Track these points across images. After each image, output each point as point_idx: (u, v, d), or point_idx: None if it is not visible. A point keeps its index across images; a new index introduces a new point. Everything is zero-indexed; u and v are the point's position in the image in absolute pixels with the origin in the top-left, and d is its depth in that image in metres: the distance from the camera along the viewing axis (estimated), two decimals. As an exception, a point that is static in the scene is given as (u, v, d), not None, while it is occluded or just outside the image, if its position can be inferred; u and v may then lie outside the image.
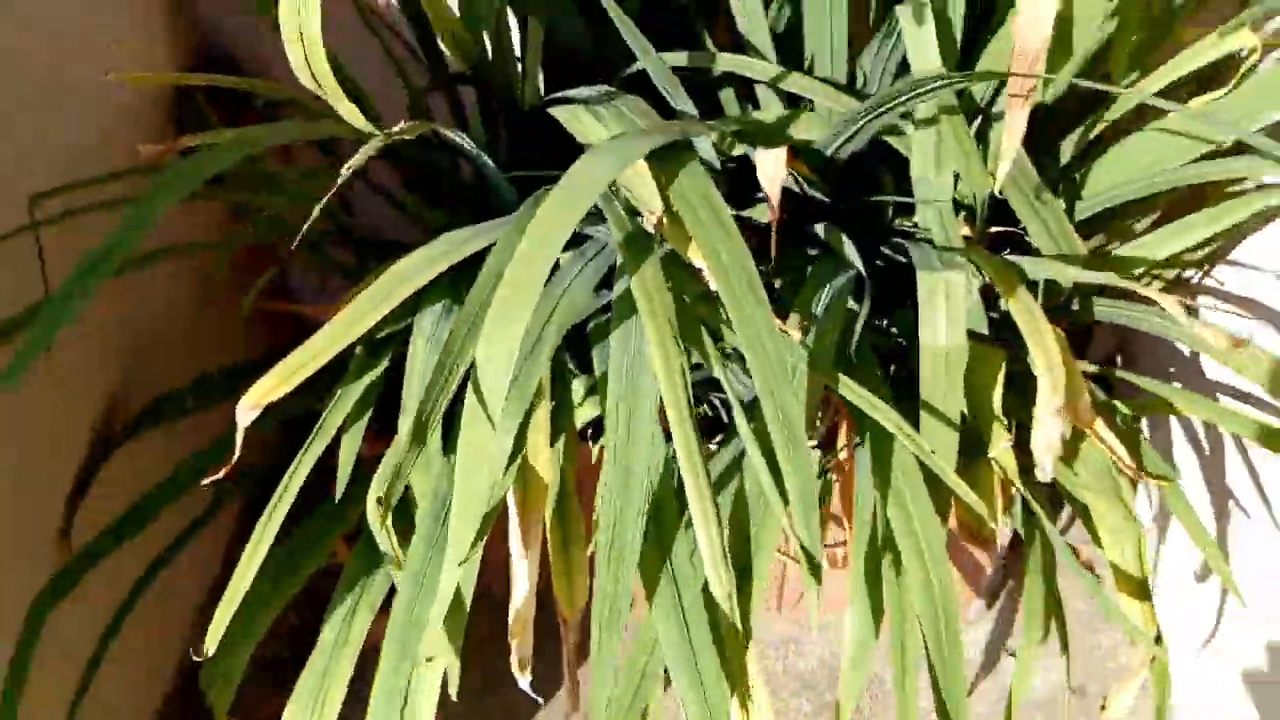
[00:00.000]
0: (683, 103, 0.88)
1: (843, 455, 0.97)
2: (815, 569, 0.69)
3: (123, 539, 0.91)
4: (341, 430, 0.83)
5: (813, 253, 0.95)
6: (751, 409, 0.73)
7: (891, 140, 0.92)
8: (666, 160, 0.73)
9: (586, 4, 0.92)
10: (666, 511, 0.79)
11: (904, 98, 0.79)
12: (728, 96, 1.02)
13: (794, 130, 0.89)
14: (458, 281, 0.84)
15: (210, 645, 0.73)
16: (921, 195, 0.87)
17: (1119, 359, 1.40)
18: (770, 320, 0.67)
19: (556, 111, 0.87)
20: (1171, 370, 1.21)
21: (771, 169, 0.71)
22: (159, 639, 1.14)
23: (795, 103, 0.96)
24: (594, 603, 0.72)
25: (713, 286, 0.68)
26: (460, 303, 0.82)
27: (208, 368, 1.03)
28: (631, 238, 0.74)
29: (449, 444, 0.77)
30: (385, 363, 0.87)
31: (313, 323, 1.19)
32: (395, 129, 0.76)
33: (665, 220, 0.71)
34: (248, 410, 0.69)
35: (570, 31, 0.96)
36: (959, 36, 0.87)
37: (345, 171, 0.68)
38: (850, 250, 0.85)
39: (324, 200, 0.69)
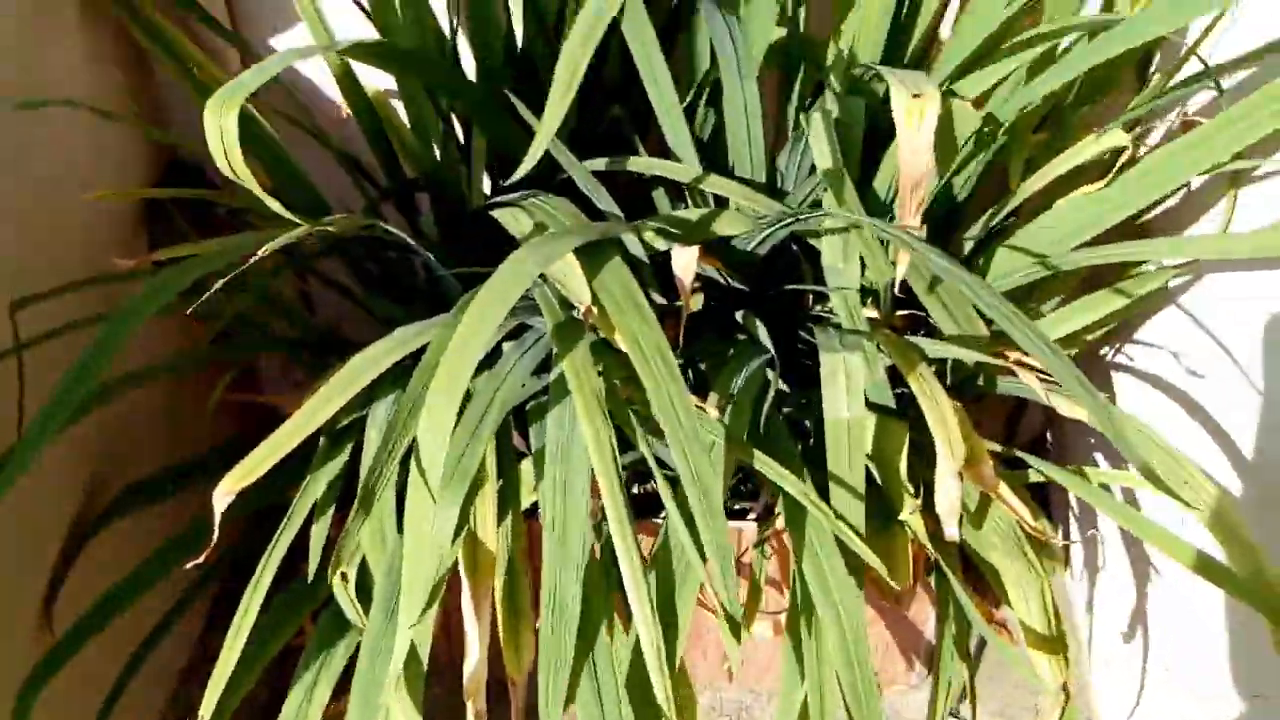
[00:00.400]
0: (606, 204, 0.97)
1: (780, 525, 1.04)
2: (734, 624, 0.75)
3: (109, 617, 0.97)
4: (311, 515, 0.89)
5: (741, 338, 1.03)
6: (676, 482, 0.80)
7: (807, 235, 1.00)
8: (593, 257, 0.82)
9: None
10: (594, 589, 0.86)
11: (807, 218, 0.87)
12: (659, 196, 1.11)
13: (716, 227, 0.97)
14: (407, 374, 0.91)
15: (205, 713, 0.80)
16: (833, 283, 0.95)
17: (1049, 435, 1.48)
18: (684, 396, 0.75)
19: (498, 214, 0.96)
20: (1092, 441, 1.28)
21: (683, 262, 0.79)
22: (142, 708, 1.19)
23: (722, 200, 1.05)
24: (539, 661, 0.78)
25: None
26: (409, 392, 0.89)
27: (179, 455, 1.09)
28: (562, 325, 0.82)
29: (403, 523, 0.84)
30: (347, 451, 0.94)
31: (277, 410, 1.26)
32: (325, 220, 0.84)
33: (594, 310, 0.79)
34: (223, 496, 0.76)
35: (511, 140, 1.05)
36: (859, 140, 0.97)
37: (261, 252, 0.76)
38: (763, 334, 0.93)
39: (236, 270, 0.77)
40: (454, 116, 1.10)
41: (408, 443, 0.77)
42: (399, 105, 1.13)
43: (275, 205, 0.79)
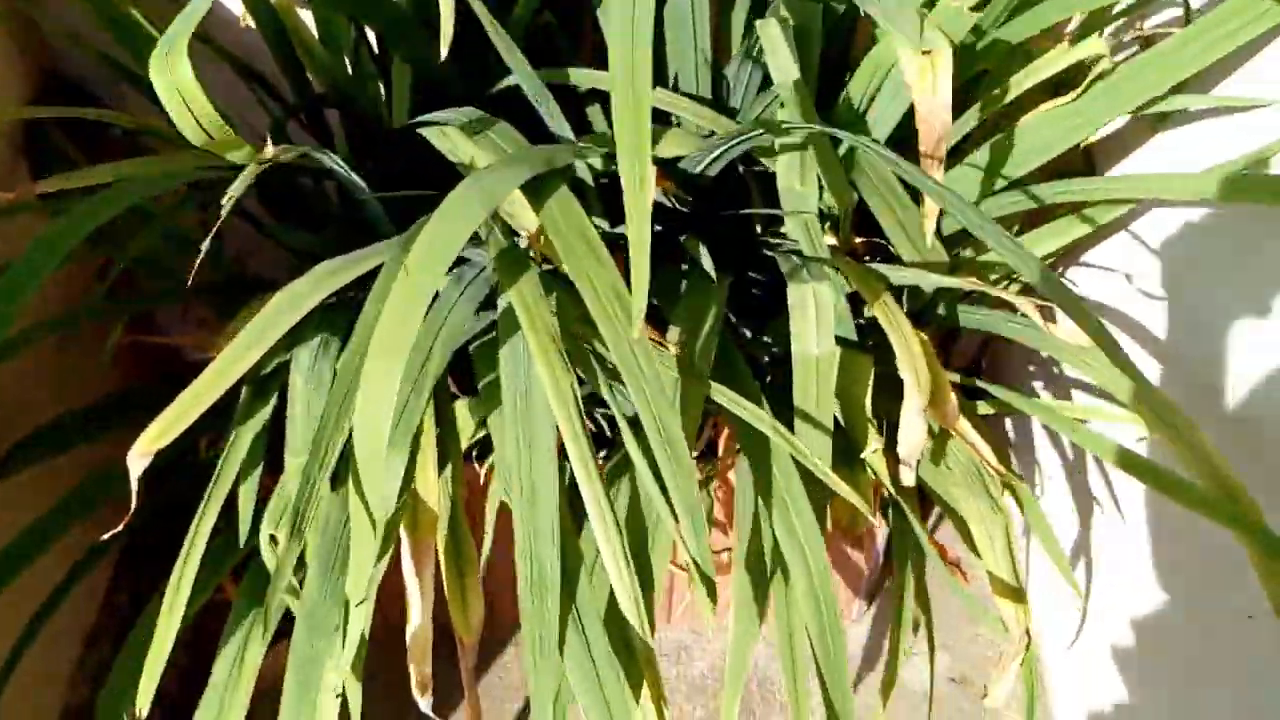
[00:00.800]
0: (558, 126, 0.89)
1: (724, 465, 0.99)
2: (707, 580, 0.70)
3: (6, 578, 0.88)
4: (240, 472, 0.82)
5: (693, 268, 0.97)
6: (636, 424, 0.74)
7: (760, 155, 0.94)
8: (538, 188, 0.75)
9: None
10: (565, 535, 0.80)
11: (764, 134, 0.81)
12: (595, 113, 1.04)
13: (662, 147, 0.90)
14: (331, 314, 0.84)
15: (143, 704, 0.74)
16: (789, 206, 0.89)
17: (983, 362, 1.46)
18: (643, 341, 0.69)
19: (429, 134, 0.87)
20: (1031, 369, 1.26)
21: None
22: (43, 680, 1.11)
23: (665, 117, 0.98)
24: (524, 634, 0.72)
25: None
26: (334, 333, 0.81)
27: (73, 402, 1.00)
28: (506, 254, 0.75)
29: (336, 479, 0.77)
30: (273, 400, 0.86)
31: (177, 351, 1.16)
32: (271, 152, 0.75)
33: (541, 238, 0.72)
34: (139, 458, 0.67)
35: (428, 51, 0.96)
36: (817, 50, 0.90)
37: (226, 204, 0.67)
38: (708, 262, 0.87)
39: (206, 240, 0.68)
40: (369, 27, 1.00)
41: (341, 444, 0.70)
42: (306, 15, 1.03)
43: (234, 141, 0.70)
